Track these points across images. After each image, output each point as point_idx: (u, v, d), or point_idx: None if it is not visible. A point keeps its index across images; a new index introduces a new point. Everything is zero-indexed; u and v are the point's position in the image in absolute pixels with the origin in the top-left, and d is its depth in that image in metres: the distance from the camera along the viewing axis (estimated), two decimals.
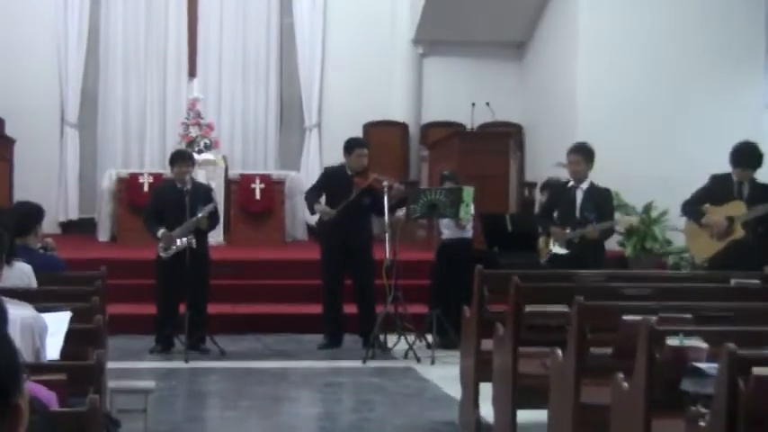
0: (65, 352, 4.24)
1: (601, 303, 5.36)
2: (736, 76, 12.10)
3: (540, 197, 11.04)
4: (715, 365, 4.21)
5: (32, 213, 6.41)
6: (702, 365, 4.34)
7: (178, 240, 8.76)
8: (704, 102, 12.02)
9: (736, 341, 3.98)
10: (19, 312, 3.79)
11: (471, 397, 6.62)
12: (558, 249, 7.91)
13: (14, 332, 3.70)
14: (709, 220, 7.78)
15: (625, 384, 4.70)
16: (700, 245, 7.93)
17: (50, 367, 3.75)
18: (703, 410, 4.09)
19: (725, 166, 8.00)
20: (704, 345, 4.42)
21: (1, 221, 6.28)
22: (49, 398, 3.08)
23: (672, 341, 4.45)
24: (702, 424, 4.05)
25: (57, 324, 4.14)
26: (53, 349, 4.01)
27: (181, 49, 13.72)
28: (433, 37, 13.81)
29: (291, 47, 14.00)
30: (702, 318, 5.09)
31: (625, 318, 5.05)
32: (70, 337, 4.36)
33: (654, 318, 4.75)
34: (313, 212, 9.50)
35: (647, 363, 4.49)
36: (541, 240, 8.37)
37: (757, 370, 3.81)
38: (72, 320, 4.43)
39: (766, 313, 5.26)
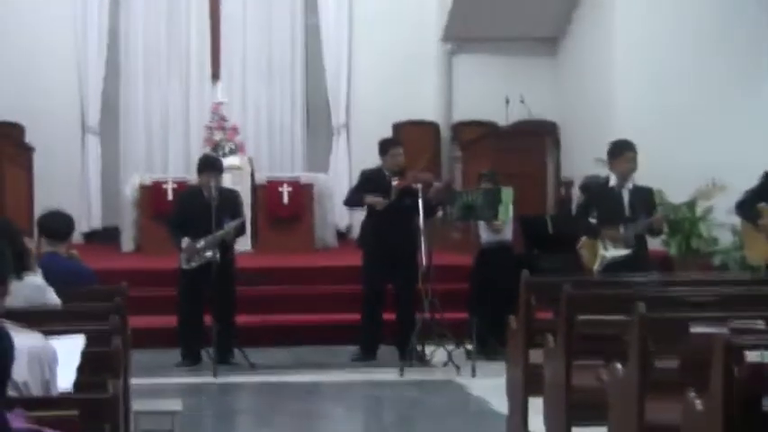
0: (79, 380, 3.82)
1: (665, 314, 4.89)
2: None
3: (579, 196, 10.56)
4: None
5: (70, 221, 6.14)
6: None
7: (206, 252, 8.38)
8: (748, 96, 11.47)
9: None
10: (26, 342, 3.39)
11: (520, 411, 6.21)
12: (614, 252, 7.33)
13: (21, 363, 3.31)
14: (766, 221, 7.28)
15: (698, 403, 4.26)
16: (758, 249, 7.41)
17: (61, 402, 3.33)
18: None
19: None
20: None
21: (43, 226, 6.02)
22: None
23: (752, 356, 4.00)
24: None
25: (68, 352, 3.73)
26: (65, 380, 3.60)
27: (203, 51, 13.35)
28: (462, 34, 13.40)
29: (317, 47, 13.62)
30: None
31: (693, 329, 4.61)
32: (86, 361, 3.95)
33: (725, 329, 4.31)
34: (362, 205, 8.94)
35: (724, 381, 4.04)
36: (585, 248, 7.75)
37: None
38: (87, 344, 4.02)
39: None
